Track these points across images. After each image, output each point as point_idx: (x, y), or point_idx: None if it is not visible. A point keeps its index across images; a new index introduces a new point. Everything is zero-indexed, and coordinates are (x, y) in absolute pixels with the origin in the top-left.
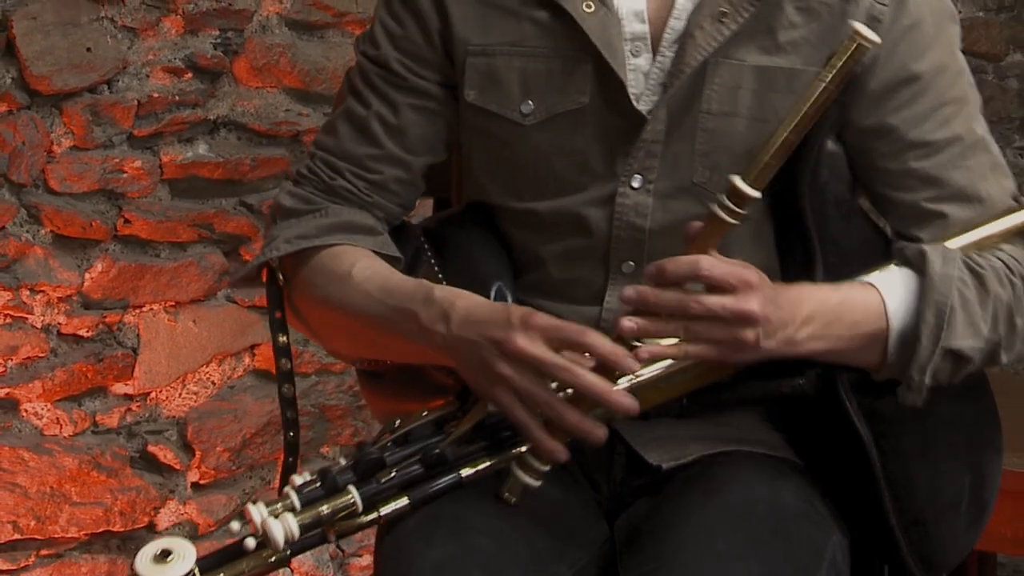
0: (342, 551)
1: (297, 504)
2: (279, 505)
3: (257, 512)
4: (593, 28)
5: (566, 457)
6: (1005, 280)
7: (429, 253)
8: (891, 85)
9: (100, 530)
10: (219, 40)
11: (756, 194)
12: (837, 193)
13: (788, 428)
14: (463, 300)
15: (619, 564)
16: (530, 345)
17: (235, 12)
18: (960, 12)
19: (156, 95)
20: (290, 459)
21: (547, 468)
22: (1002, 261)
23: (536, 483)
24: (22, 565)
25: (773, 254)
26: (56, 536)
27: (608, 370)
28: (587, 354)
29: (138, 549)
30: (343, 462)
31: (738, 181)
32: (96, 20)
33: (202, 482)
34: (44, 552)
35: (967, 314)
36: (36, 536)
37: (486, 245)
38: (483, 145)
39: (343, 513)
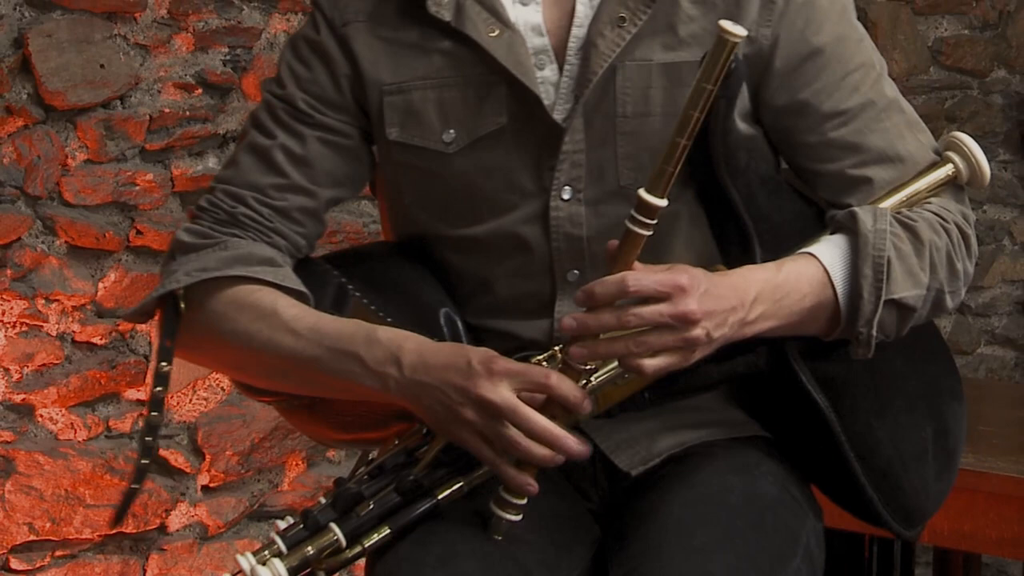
0: None
1: (283, 548)
2: (266, 552)
3: (246, 561)
4: (500, 51)
5: (536, 490)
6: (939, 228)
7: (354, 290)
8: (796, 62)
9: (113, 532)
10: (228, 57)
11: (662, 203)
12: (761, 172)
13: (750, 404)
14: (411, 342)
15: (609, 562)
16: (494, 393)
17: (244, 30)
18: (946, 30)
19: (167, 110)
20: (134, 486)
21: (523, 502)
22: (932, 212)
23: (516, 518)
24: (37, 565)
25: (710, 240)
26: (71, 537)
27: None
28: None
29: (151, 550)
30: (323, 501)
31: (643, 193)
32: (109, 38)
33: (212, 485)
34: (59, 553)
35: (904, 264)
36: (51, 537)
37: (418, 274)
38: (412, 179)
39: (328, 551)
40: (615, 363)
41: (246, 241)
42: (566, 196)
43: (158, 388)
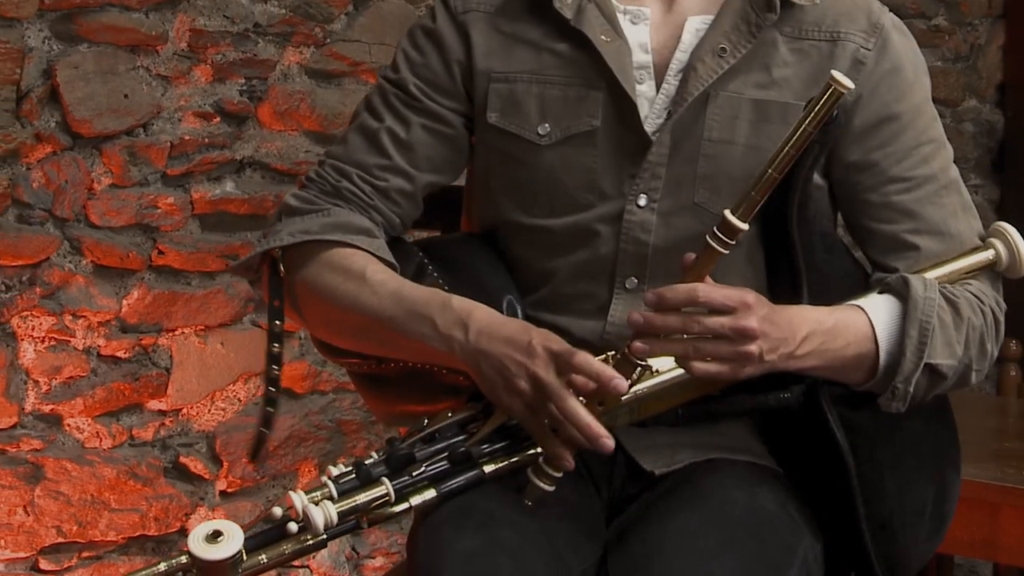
0: (357, 553)
1: (335, 493)
2: (318, 493)
3: (299, 499)
4: (611, 56)
5: (572, 465)
6: (976, 309)
7: (432, 269)
8: (874, 123)
9: (136, 534)
10: (245, 87)
11: (744, 226)
12: (823, 227)
13: (773, 437)
14: (480, 311)
15: (608, 560)
16: (548, 375)
17: (259, 62)
18: None
19: (187, 137)
20: (263, 430)
21: (559, 475)
22: (972, 293)
23: (550, 488)
24: (65, 566)
25: (763, 278)
26: (96, 540)
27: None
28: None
29: (172, 551)
30: (376, 456)
31: (728, 215)
32: (133, 69)
33: (229, 490)
34: (85, 554)
35: (945, 334)
36: (78, 540)
37: (490, 262)
38: (501, 164)
39: (377, 503)
40: (665, 376)
41: (347, 211)
42: (641, 203)
43: (274, 345)
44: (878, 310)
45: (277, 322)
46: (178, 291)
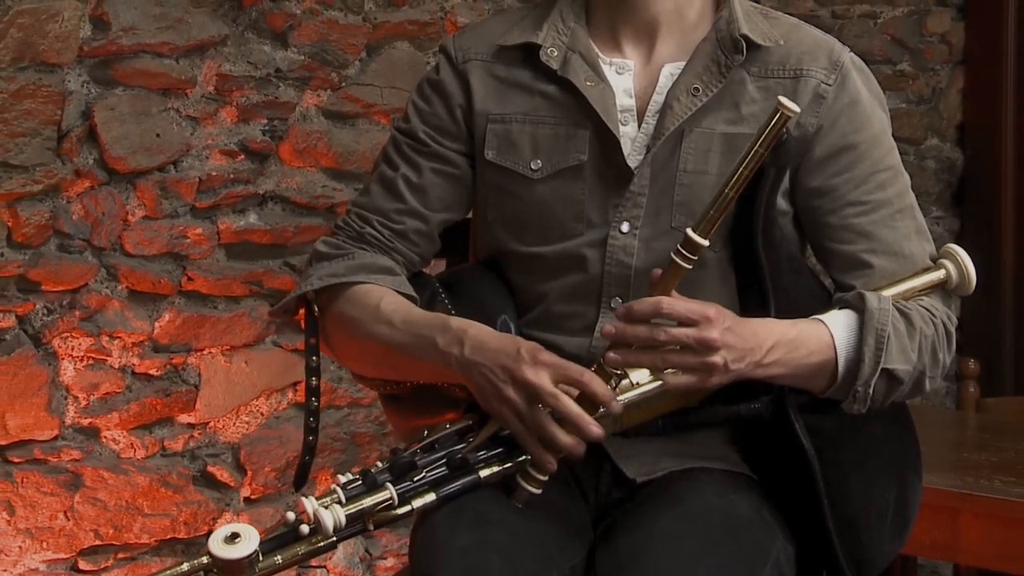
0: (370, 554)
1: (343, 498)
2: (328, 499)
3: (310, 504)
4: (595, 98)
5: (555, 468)
6: (928, 320)
7: (443, 294)
8: (834, 151)
9: (167, 537)
10: (267, 127)
11: (704, 242)
12: (790, 251)
13: (745, 444)
14: (475, 329)
15: (596, 560)
16: (535, 376)
17: (280, 104)
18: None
19: (214, 173)
20: (307, 458)
21: (545, 478)
22: (924, 307)
23: (537, 491)
24: (102, 567)
25: (735, 298)
26: (131, 542)
27: (592, 401)
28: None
29: (199, 553)
30: (380, 464)
31: (690, 232)
32: (164, 111)
33: (252, 497)
34: (121, 556)
35: (899, 342)
36: (114, 542)
37: (492, 286)
38: (498, 198)
39: (382, 506)
40: (641, 389)
41: (370, 253)
42: (624, 229)
43: (312, 379)
44: (837, 322)
45: (314, 358)
46: (206, 314)
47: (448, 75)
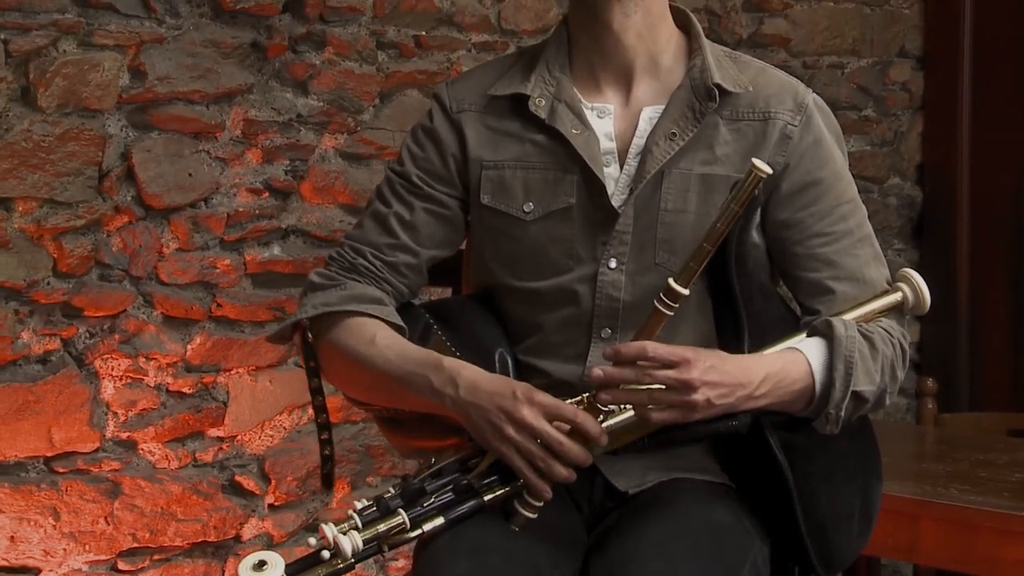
0: (383, 555)
1: (359, 524)
2: (345, 524)
3: (330, 530)
4: (581, 146)
5: (550, 496)
6: (888, 342)
7: (436, 328)
8: (799, 187)
9: (199, 540)
10: (289, 167)
11: (685, 292)
12: (761, 280)
13: (725, 457)
14: (467, 370)
15: (590, 567)
16: (532, 417)
17: (301, 146)
18: (852, 146)
19: (241, 209)
20: (327, 468)
21: (540, 504)
22: (883, 328)
23: (533, 516)
24: (139, 567)
25: (711, 324)
26: (165, 545)
27: (583, 436)
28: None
29: (228, 555)
30: (392, 491)
31: (672, 282)
32: (196, 152)
33: (276, 503)
34: (156, 557)
35: (865, 365)
36: (150, 545)
37: (484, 319)
38: (493, 238)
39: (396, 531)
40: (628, 413)
41: (362, 284)
42: (612, 265)
43: (317, 398)
44: (812, 351)
45: (315, 379)
46: (233, 338)
47: (442, 123)
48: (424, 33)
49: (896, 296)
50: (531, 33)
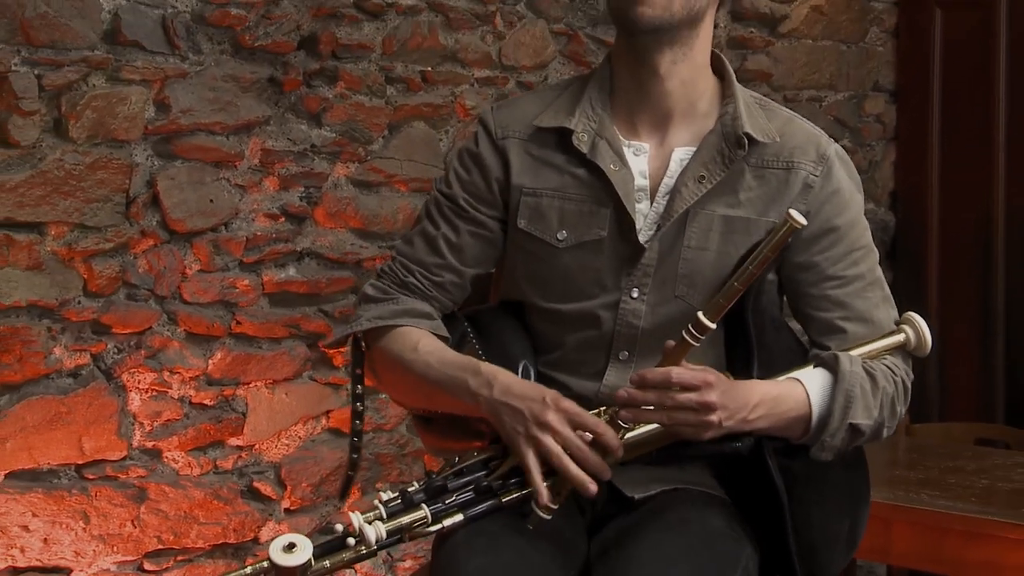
0: (391, 556)
1: (384, 514)
2: (371, 514)
3: (356, 519)
4: (618, 182)
5: (563, 500)
6: (890, 379)
7: (472, 336)
8: (817, 233)
9: (219, 542)
10: (304, 194)
11: (713, 326)
12: (773, 314)
13: (724, 475)
14: (502, 374)
15: (592, 568)
16: (557, 422)
17: (315, 174)
18: None
19: (259, 233)
20: (351, 473)
21: (555, 507)
22: (887, 366)
23: (547, 517)
24: (164, 567)
25: (722, 353)
26: (188, 546)
27: (601, 447)
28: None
29: (247, 556)
30: (416, 485)
31: (701, 316)
32: (216, 180)
33: (291, 508)
34: (179, 558)
35: (864, 400)
36: (174, 546)
37: (514, 333)
38: (526, 260)
39: (418, 523)
40: (644, 429)
41: (412, 299)
42: (634, 295)
43: (357, 404)
44: (813, 381)
45: (358, 386)
46: (252, 353)
47: (487, 148)
48: (430, 69)
49: (900, 337)
50: (529, 68)
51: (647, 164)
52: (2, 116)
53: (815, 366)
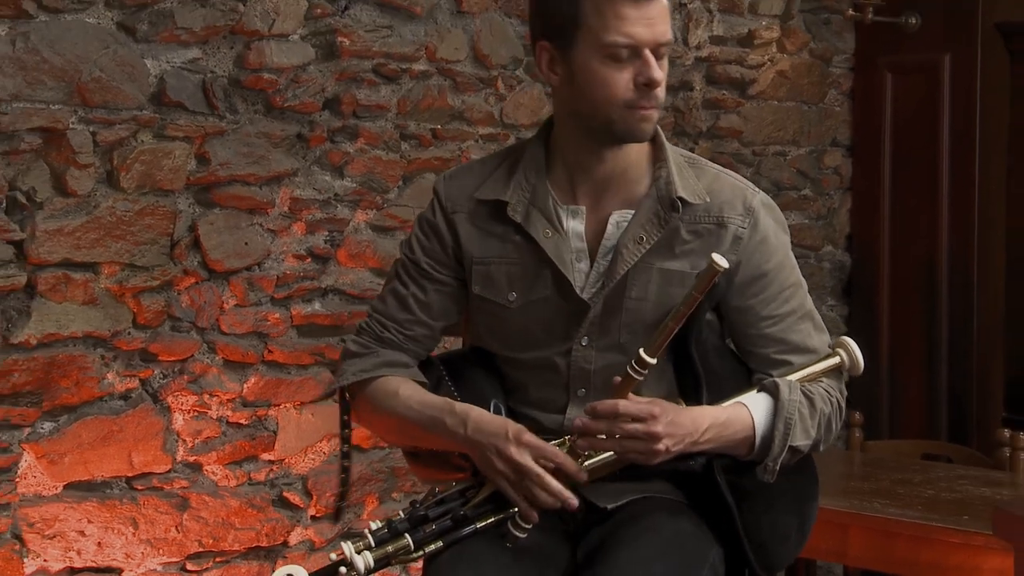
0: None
1: (372, 543)
2: (361, 543)
3: (347, 548)
4: (550, 248)
5: (537, 520)
6: (827, 400)
7: (448, 380)
8: (749, 279)
9: (253, 546)
10: (328, 237)
11: (653, 361)
12: (714, 342)
13: (684, 488)
14: (475, 413)
15: (579, 573)
16: (520, 457)
17: (338, 220)
18: (792, 220)
19: (288, 272)
20: (340, 503)
21: (529, 526)
22: (824, 388)
23: (523, 536)
24: (204, 568)
25: (673, 382)
26: (226, 549)
27: (565, 475)
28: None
29: (278, 558)
30: (401, 515)
31: (643, 353)
32: (251, 224)
33: (317, 515)
34: (218, 560)
35: (803, 423)
36: (213, 549)
37: (485, 375)
38: (485, 319)
39: (401, 551)
40: (603, 455)
41: (390, 351)
42: (584, 343)
43: (345, 446)
44: (757, 406)
45: (345, 430)
46: (282, 378)
47: (441, 220)
48: (439, 126)
49: (835, 360)
50: (527, 126)
51: (584, 227)
52: (61, 169)
53: (759, 391)
